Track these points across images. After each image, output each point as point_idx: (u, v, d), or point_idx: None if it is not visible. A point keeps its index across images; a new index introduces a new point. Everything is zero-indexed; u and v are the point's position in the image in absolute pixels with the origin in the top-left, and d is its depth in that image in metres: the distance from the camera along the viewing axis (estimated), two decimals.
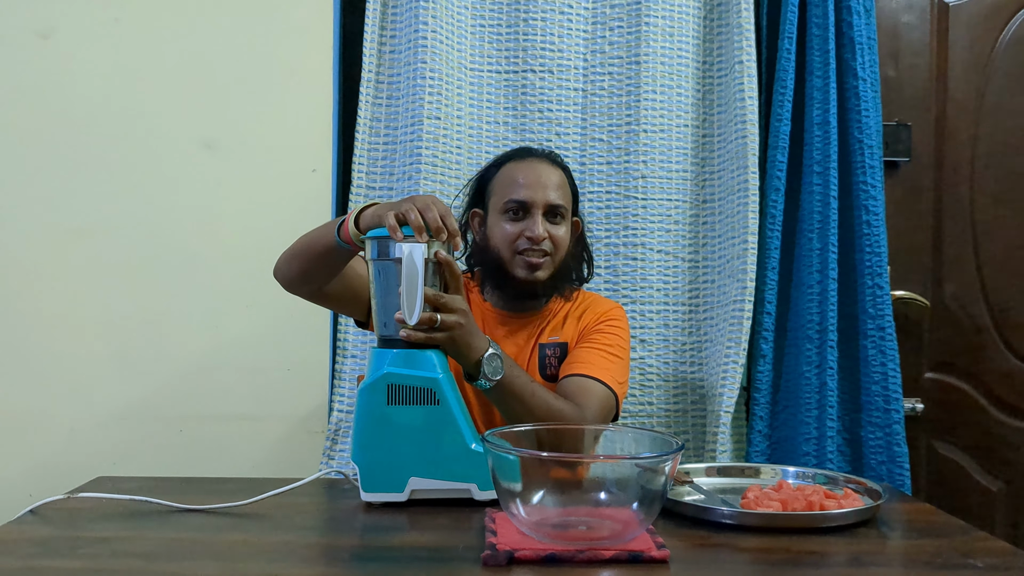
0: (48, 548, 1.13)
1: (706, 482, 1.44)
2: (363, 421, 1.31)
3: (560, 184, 1.65)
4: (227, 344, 2.02)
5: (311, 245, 1.49)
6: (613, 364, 1.61)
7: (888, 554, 1.17)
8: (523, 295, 1.65)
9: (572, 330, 1.68)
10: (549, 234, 1.62)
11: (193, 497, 1.31)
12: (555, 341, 1.67)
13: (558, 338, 1.67)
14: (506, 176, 1.66)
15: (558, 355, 1.66)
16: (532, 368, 1.65)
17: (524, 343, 1.67)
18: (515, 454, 1.09)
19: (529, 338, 1.67)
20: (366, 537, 1.22)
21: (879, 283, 1.95)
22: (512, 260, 1.62)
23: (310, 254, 1.49)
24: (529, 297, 1.66)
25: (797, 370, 1.98)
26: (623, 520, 1.10)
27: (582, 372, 1.57)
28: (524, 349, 1.66)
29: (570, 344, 1.67)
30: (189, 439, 2.00)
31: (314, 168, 2.04)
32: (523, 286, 1.62)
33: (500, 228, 1.63)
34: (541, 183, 1.62)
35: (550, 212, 1.63)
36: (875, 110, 1.99)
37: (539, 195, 1.61)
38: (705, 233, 2.06)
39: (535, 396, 1.45)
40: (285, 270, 1.56)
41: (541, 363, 1.65)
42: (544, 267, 1.62)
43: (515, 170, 1.65)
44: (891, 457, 1.93)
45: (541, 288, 1.64)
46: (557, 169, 1.68)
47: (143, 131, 2.03)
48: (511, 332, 1.68)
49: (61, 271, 2.00)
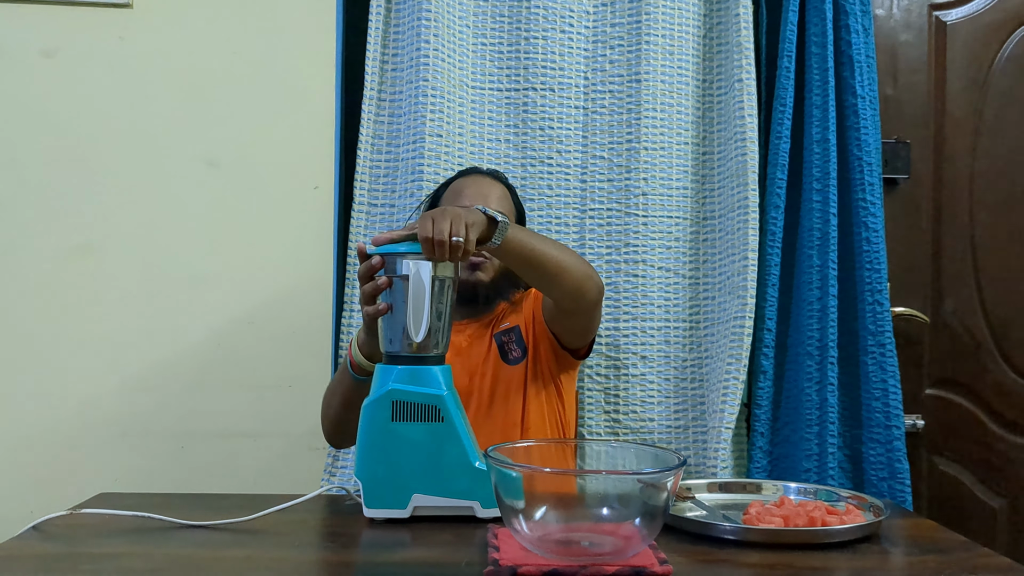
0: (51, 564, 1.13)
1: (708, 498, 1.44)
2: (367, 437, 1.31)
3: (501, 196, 1.77)
4: (228, 361, 2.02)
5: (339, 398, 1.57)
6: None
7: (890, 570, 1.17)
8: (470, 299, 1.74)
9: (519, 315, 1.77)
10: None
11: (195, 513, 1.31)
12: (507, 326, 1.75)
13: (509, 324, 1.76)
14: (453, 190, 1.79)
15: (513, 339, 1.73)
16: (493, 359, 1.72)
17: (480, 340, 1.75)
18: (518, 470, 1.09)
19: (484, 335, 1.75)
20: (369, 553, 1.22)
21: (879, 299, 1.96)
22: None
23: (342, 407, 1.56)
24: (473, 300, 1.74)
25: (798, 386, 1.98)
26: (625, 536, 1.11)
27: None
28: (481, 344, 1.74)
29: (522, 325, 1.74)
30: (190, 456, 2.00)
31: (316, 185, 2.05)
32: (466, 288, 1.71)
33: None
34: (482, 193, 1.74)
35: None
36: (874, 128, 2.00)
37: (479, 201, 1.71)
38: (705, 250, 2.07)
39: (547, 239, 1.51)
40: (332, 432, 1.64)
41: (501, 351, 1.73)
42: (484, 269, 1.73)
43: (460, 184, 1.78)
44: (892, 473, 1.93)
45: (484, 289, 1.73)
46: (500, 184, 1.81)
47: (146, 149, 2.04)
48: (468, 337, 1.76)
49: (63, 288, 2.01)
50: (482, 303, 1.76)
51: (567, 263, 1.49)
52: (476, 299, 1.74)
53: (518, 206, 1.84)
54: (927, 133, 2.23)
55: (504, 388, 1.71)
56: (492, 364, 1.72)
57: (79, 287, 2.01)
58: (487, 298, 1.76)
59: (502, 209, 1.73)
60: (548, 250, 1.47)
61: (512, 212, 1.79)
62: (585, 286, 1.53)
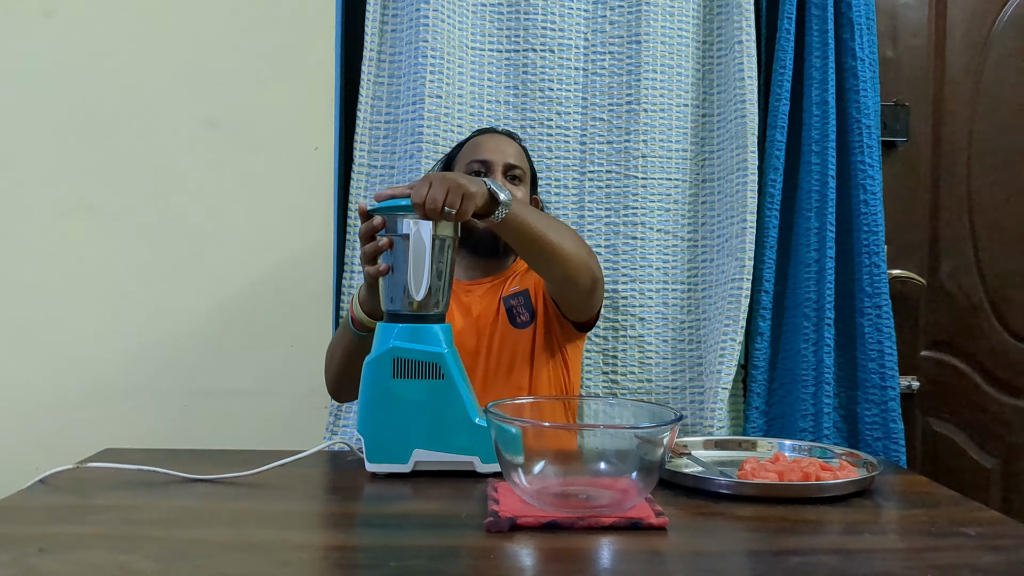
0: (58, 515, 1.15)
1: (704, 455, 1.46)
2: (369, 394, 1.33)
3: (518, 153, 1.79)
4: (230, 321, 2.04)
5: (340, 353, 1.59)
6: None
7: (882, 523, 1.19)
8: (488, 250, 1.75)
9: (530, 278, 1.77)
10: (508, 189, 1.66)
11: (200, 468, 1.33)
12: (516, 290, 1.75)
13: (518, 287, 1.76)
14: (469, 147, 1.80)
15: (523, 303, 1.74)
16: (502, 323, 1.72)
17: (489, 303, 1.75)
18: (517, 425, 1.11)
19: (493, 298, 1.75)
20: (371, 505, 1.24)
21: (876, 262, 1.97)
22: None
23: (344, 361, 1.58)
24: (492, 252, 1.76)
25: (794, 348, 2.00)
26: (622, 489, 1.13)
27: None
28: (490, 307, 1.74)
29: (531, 289, 1.75)
30: (193, 414, 2.03)
31: (316, 146, 2.06)
32: (486, 238, 1.72)
33: None
34: (500, 148, 1.77)
35: (509, 172, 1.75)
36: (873, 90, 2.01)
37: (498, 156, 1.74)
38: (704, 212, 2.08)
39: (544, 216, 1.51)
40: (335, 387, 1.67)
41: (509, 315, 1.73)
42: None
43: (477, 141, 1.81)
44: (887, 434, 1.95)
45: (502, 242, 1.73)
46: (515, 142, 1.83)
47: (146, 109, 2.04)
48: (478, 298, 1.76)
49: (64, 248, 2.02)
50: (501, 254, 1.78)
51: (565, 250, 1.48)
52: (496, 250, 1.76)
53: (532, 167, 1.85)
54: (926, 96, 2.23)
55: (511, 352, 1.72)
56: (500, 327, 1.73)
57: (79, 247, 2.02)
58: (506, 248, 1.77)
59: (519, 164, 1.76)
60: (548, 234, 1.45)
61: (527, 170, 1.81)
62: (578, 275, 1.52)
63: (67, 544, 1.02)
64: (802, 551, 1.03)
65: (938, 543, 1.07)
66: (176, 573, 0.92)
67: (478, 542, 1.04)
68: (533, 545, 1.03)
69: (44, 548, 0.99)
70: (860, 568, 0.97)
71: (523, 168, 1.78)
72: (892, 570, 0.98)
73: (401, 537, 1.06)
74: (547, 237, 1.45)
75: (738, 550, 1.08)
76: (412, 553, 0.99)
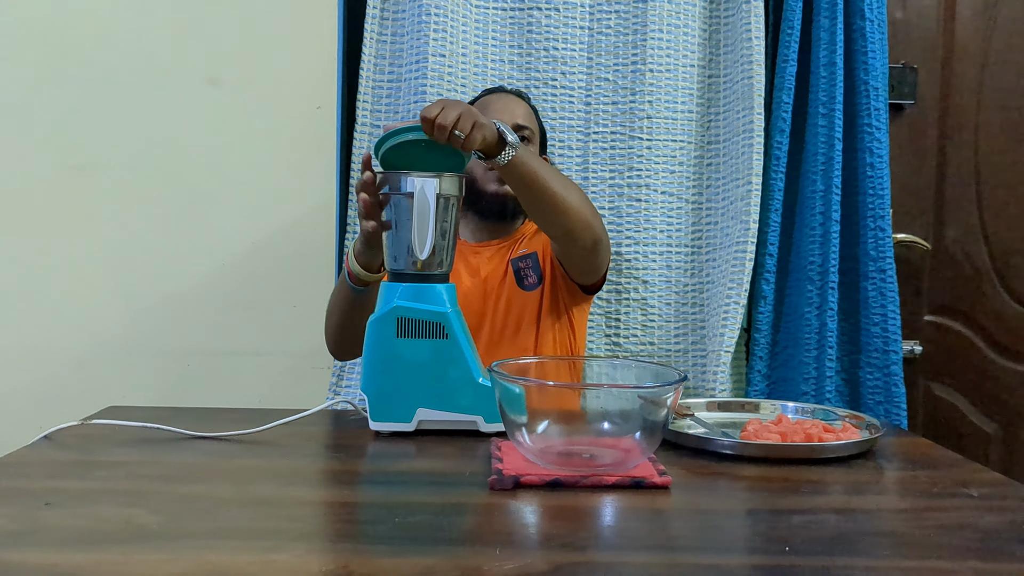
0: (63, 470, 1.16)
1: (707, 416, 1.47)
2: (372, 353, 1.33)
3: (527, 114, 1.78)
4: (233, 280, 2.03)
5: (338, 309, 1.58)
6: None
7: (884, 484, 1.20)
8: (496, 213, 1.75)
9: (538, 240, 1.77)
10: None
11: (204, 425, 1.34)
12: (524, 252, 1.76)
13: (526, 250, 1.76)
14: (477, 107, 1.73)
15: (531, 265, 1.74)
16: (509, 284, 1.72)
17: (498, 264, 1.75)
18: (521, 385, 1.11)
19: (502, 259, 1.75)
20: (375, 463, 1.25)
21: (881, 225, 1.96)
22: (483, 176, 1.72)
23: (342, 317, 1.57)
24: (500, 215, 1.75)
25: (798, 311, 1.99)
26: (626, 449, 1.13)
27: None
28: (498, 268, 1.74)
29: (540, 252, 1.75)
30: (196, 374, 2.03)
31: (319, 105, 2.04)
32: (494, 201, 1.72)
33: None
34: (508, 108, 1.75)
35: (517, 134, 1.70)
36: (882, 52, 1.98)
37: (506, 116, 1.72)
38: (709, 175, 2.06)
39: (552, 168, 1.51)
40: (335, 345, 1.66)
41: (516, 277, 1.73)
42: None
43: (485, 101, 1.79)
44: (888, 397, 1.96)
45: (511, 202, 1.73)
46: (523, 102, 1.81)
47: (147, 67, 2.02)
48: (487, 259, 1.76)
49: (65, 206, 2.01)
50: (509, 217, 1.77)
51: (569, 203, 1.47)
52: (504, 212, 1.75)
53: (541, 126, 1.84)
54: (935, 59, 2.21)
55: (518, 314, 1.72)
56: (507, 289, 1.73)
57: (81, 206, 2.01)
58: (513, 211, 1.76)
59: (528, 125, 1.75)
60: (551, 184, 1.45)
61: (536, 131, 1.80)
62: (580, 231, 1.51)
63: (73, 498, 1.02)
64: (804, 510, 1.04)
65: (939, 503, 1.07)
66: (181, 527, 0.93)
67: (482, 499, 1.04)
68: (536, 503, 1.03)
69: (50, 503, 0.99)
70: (862, 527, 0.98)
71: (532, 128, 1.77)
72: (894, 529, 0.99)
73: (405, 494, 1.07)
74: (551, 188, 1.45)
75: (740, 509, 1.09)
76: (416, 509, 0.99)
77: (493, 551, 0.86)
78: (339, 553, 0.87)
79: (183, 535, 0.91)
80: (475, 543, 0.91)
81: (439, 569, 0.82)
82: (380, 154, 1.35)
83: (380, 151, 1.34)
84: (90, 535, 0.90)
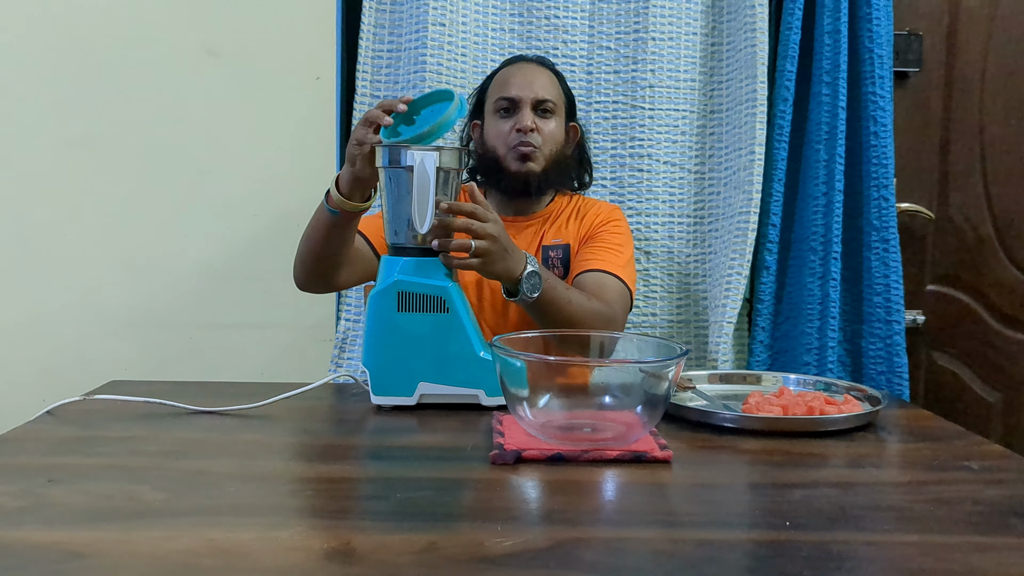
0: (66, 447, 1.16)
1: (708, 389, 1.47)
2: (374, 327, 1.32)
3: (549, 83, 1.74)
4: (233, 253, 2.03)
5: (311, 234, 1.53)
6: (627, 262, 1.69)
7: (886, 457, 1.20)
8: (520, 191, 1.71)
9: (575, 231, 1.74)
10: (538, 127, 1.69)
11: (205, 400, 1.34)
12: (558, 243, 1.73)
13: (560, 240, 1.73)
14: (498, 81, 1.75)
15: (561, 256, 1.72)
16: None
17: (527, 246, 1.71)
18: (522, 359, 1.11)
19: (532, 241, 1.73)
20: (377, 437, 1.25)
21: (884, 195, 1.95)
22: (506, 155, 1.69)
23: (314, 243, 1.53)
24: (525, 193, 1.71)
25: (800, 281, 1.99)
26: (627, 423, 1.13)
27: (600, 268, 1.63)
28: (530, 247, 1.72)
29: (573, 245, 1.72)
30: (198, 347, 2.03)
31: (318, 76, 2.02)
32: (517, 179, 1.69)
33: (494, 127, 1.72)
34: (528, 81, 1.71)
35: (539, 107, 1.70)
36: (887, 19, 1.96)
37: (526, 91, 1.69)
38: (712, 144, 2.05)
39: (571, 304, 1.49)
40: (300, 272, 1.60)
41: (545, 265, 1.69)
42: (535, 159, 1.69)
43: (506, 73, 1.75)
44: (891, 367, 1.96)
45: (535, 180, 1.70)
46: (546, 70, 1.77)
47: (145, 38, 2.00)
48: (515, 237, 1.69)
49: (65, 179, 2.00)
50: (534, 194, 1.73)
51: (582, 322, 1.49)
52: (528, 191, 1.71)
53: (568, 93, 1.79)
54: (940, 25, 2.18)
55: None
56: None
57: (82, 179, 2.00)
58: (539, 188, 1.72)
59: (550, 97, 1.71)
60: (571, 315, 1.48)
61: (561, 101, 1.75)
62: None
63: (76, 475, 1.03)
64: (805, 484, 1.04)
65: (941, 476, 1.07)
66: (183, 504, 0.93)
67: (483, 474, 1.04)
68: (538, 477, 1.04)
69: (53, 479, 0.99)
70: (863, 501, 0.98)
71: (554, 100, 1.72)
72: (895, 503, 0.99)
73: (407, 469, 1.07)
74: (564, 316, 1.48)
75: (741, 483, 1.09)
76: (418, 485, 1.00)
77: (495, 527, 0.87)
78: (341, 530, 0.87)
79: (186, 512, 0.91)
80: (477, 519, 0.91)
81: (441, 545, 0.82)
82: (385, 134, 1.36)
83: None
84: (94, 512, 0.90)
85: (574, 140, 1.80)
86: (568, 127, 1.78)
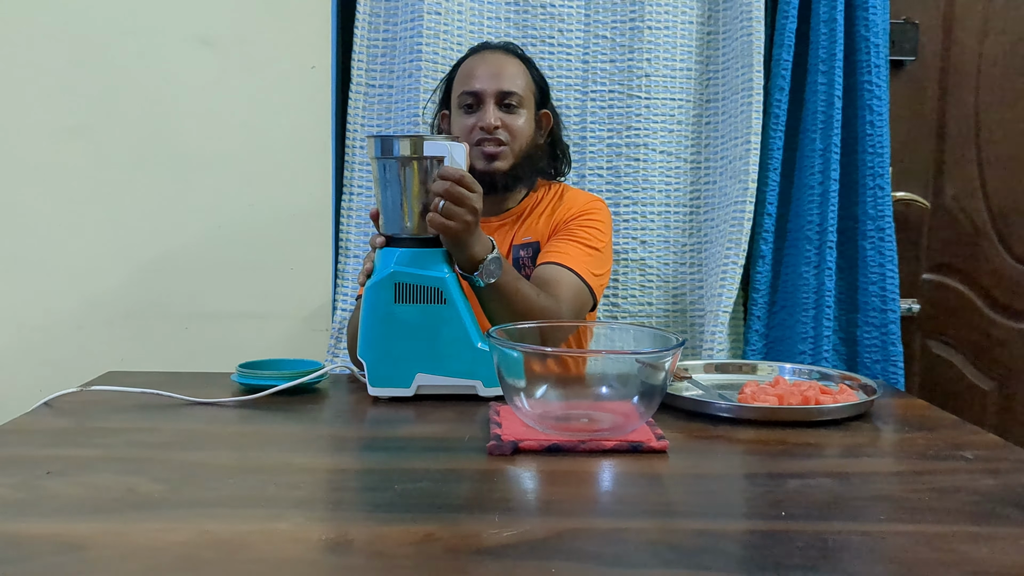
0: (64, 438, 1.16)
1: (704, 378, 1.47)
2: (370, 318, 1.33)
3: (516, 73, 1.67)
4: (230, 243, 2.02)
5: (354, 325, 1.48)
6: (589, 256, 1.61)
7: (881, 446, 1.21)
8: (488, 191, 1.60)
9: (545, 227, 1.69)
10: (504, 123, 1.63)
11: (202, 391, 1.34)
12: (528, 241, 1.69)
13: (530, 238, 1.69)
14: (463, 72, 1.69)
15: (531, 255, 1.67)
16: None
17: (501, 242, 1.65)
18: (519, 350, 1.11)
19: (504, 241, 1.69)
20: (374, 428, 1.25)
21: (880, 184, 1.95)
22: (471, 153, 1.59)
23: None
24: (491, 191, 1.61)
25: (796, 270, 1.99)
26: (624, 413, 1.13)
27: (556, 261, 1.57)
28: (501, 247, 1.66)
29: (542, 243, 1.68)
30: (194, 336, 2.03)
31: (313, 65, 2.01)
32: (483, 179, 1.56)
33: (459, 123, 1.67)
34: (492, 73, 1.64)
35: (503, 101, 1.64)
36: (883, 7, 1.96)
37: (490, 84, 1.63)
38: (708, 133, 2.05)
39: (518, 293, 1.42)
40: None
41: (515, 265, 1.65)
42: (502, 157, 1.63)
43: (469, 64, 1.69)
44: (886, 356, 1.96)
45: (501, 179, 1.64)
46: (513, 58, 1.70)
47: (140, 27, 1.99)
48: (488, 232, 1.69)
49: (60, 169, 1.99)
50: (500, 192, 1.67)
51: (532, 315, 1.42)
52: (495, 189, 1.63)
53: (538, 79, 1.73)
54: (936, 14, 2.18)
55: None
56: None
57: (76, 169, 1.99)
58: (506, 186, 1.66)
59: (515, 90, 1.64)
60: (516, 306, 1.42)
61: (530, 88, 1.69)
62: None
63: (74, 466, 1.03)
64: (801, 474, 1.04)
65: (936, 466, 1.08)
66: (182, 495, 0.93)
67: (480, 465, 1.05)
68: (535, 468, 1.04)
69: (51, 471, 1.00)
70: (858, 491, 0.99)
71: (521, 92, 1.66)
72: (890, 493, 0.99)
73: (404, 460, 1.08)
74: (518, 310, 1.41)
75: (737, 473, 1.10)
76: (416, 476, 1.00)
77: (492, 517, 0.87)
78: (339, 521, 0.88)
79: (184, 503, 0.91)
80: (474, 510, 0.91)
81: (439, 536, 0.82)
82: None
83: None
84: (92, 504, 0.91)
85: (546, 128, 1.75)
86: (539, 115, 1.73)
